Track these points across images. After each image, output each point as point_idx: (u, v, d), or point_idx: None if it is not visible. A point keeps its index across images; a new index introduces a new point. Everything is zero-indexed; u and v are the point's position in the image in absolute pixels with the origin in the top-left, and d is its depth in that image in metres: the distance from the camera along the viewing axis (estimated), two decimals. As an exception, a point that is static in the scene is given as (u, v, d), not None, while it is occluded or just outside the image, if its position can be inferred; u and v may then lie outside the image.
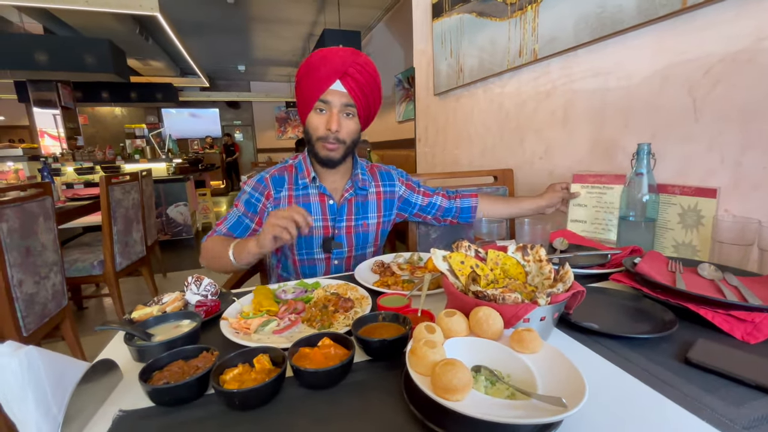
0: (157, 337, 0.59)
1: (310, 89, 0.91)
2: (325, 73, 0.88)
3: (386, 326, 0.59)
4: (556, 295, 0.55)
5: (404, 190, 1.15)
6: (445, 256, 0.68)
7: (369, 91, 0.93)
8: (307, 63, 0.92)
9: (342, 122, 0.92)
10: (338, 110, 0.91)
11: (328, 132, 0.92)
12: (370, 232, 1.09)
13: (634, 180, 0.96)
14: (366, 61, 0.91)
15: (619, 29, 1.04)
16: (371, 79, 0.92)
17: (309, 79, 0.90)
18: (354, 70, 0.88)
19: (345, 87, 0.89)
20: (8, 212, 1.42)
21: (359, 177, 1.06)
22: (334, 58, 0.88)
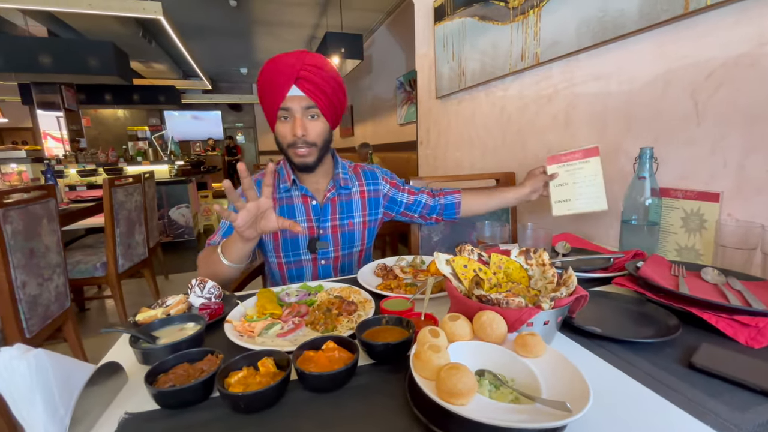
0: (161, 339, 0.60)
1: (269, 100, 0.90)
2: (279, 82, 0.87)
3: (390, 330, 0.60)
4: (560, 299, 0.55)
5: (389, 189, 1.15)
6: (449, 259, 0.68)
7: (328, 89, 0.90)
8: (260, 76, 0.91)
9: (307, 125, 0.92)
10: (300, 115, 0.90)
11: (295, 138, 0.91)
12: (356, 231, 1.09)
13: (636, 184, 0.97)
14: (316, 60, 0.89)
15: (620, 34, 1.05)
16: (327, 76, 0.90)
17: (266, 90, 0.90)
18: (306, 72, 0.87)
19: (302, 90, 0.88)
20: (12, 214, 1.43)
21: (340, 176, 1.06)
22: (284, 65, 0.87)
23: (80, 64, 4.22)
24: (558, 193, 1.09)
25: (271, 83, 0.88)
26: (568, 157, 1.07)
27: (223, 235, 1.00)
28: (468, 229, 1.40)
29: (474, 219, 1.40)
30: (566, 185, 1.07)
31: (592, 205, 1.04)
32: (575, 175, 1.06)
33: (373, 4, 5.09)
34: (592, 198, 1.04)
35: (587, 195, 1.05)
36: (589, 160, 1.04)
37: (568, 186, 1.07)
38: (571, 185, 1.07)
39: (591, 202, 1.04)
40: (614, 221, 1.17)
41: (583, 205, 1.05)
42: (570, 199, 1.07)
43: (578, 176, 1.06)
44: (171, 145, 5.98)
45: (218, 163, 9.03)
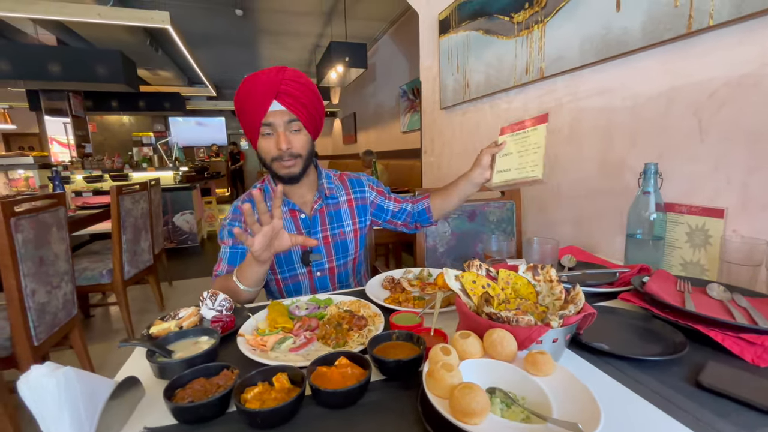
0: (177, 353, 0.61)
1: (250, 117, 0.91)
2: (260, 98, 0.88)
3: (400, 345, 0.61)
4: (568, 317, 0.56)
5: (375, 196, 1.15)
6: (457, 275, 0.69)
7: (308, 101, 0.92)
8: (239, 94, 0.92)
9: (291, 138, 0.93)
10: (283, 129, 0.91)
11: (280, 151, 0.92)
12: (348, 240, 1.09)
13: (641, 198, 0.98)
14: (294, 74, 0.91)
15: (624, 51, 1.07)
16: (306, 90, 0.91)
17: (246, 107, 0.91)
18: (286, 86, 0.88)
19: (283, 105, 0.89)
20: (23, 223, 1.45)
21: (325, 186, 1.07)
22: (263, 82, 0.88)
23: (88, 72, 4.29)
24: (501, 163, 0.98)
25: (252, 99, 0.89)
26: (519, 125, 0.96)
27: (228, 262, 1.00)
28: (473, 240, 1.41)
29: (480, 232, 1.41)
30: (510, 155, 0.96)
31: (528, 172, 0.92)
32: (520, 144, 0.95)
33: (377, 14, 5.16)
34: (529, 166, 0.93)
35: (525, 163, 0.93)
36: (537, 127, 0.93)
37: (512, 156, 0.96)
38: (515, 155, 0.96)
39: (527, 170, 0.93)
40: (618, 235, 1.18)
41: (517, 173, 0.94)
42: (510, 168, 0.96)
43: (523, 145, 0.95)
44: (176, 151, 6.03)
45: (222, 169, 9.08)
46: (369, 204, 1.14)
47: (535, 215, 1.52)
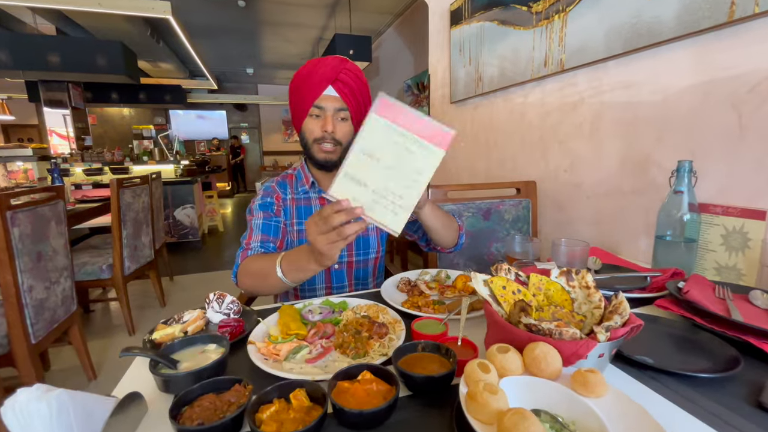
0: (183, 364, 0.56)
1: (304, 97, 0.93)
2: (318, 80, 0.90)
3: (427, 358, 0.56)
4: (615, 329, 0.51)
5: None
6: (486, 280, 0.64)
7: (359, 94, 0.95)
8: (299, 73, 0.95)
9: (337, 125, 0.94)
10: (332, 114, 0.93)
11: (325, 133, 0.93)
12: (370, 237, 1.07)
13: (673, 198, 0.92)
14: (355, 67, 0.94)
15: (655, 41, 1.01)
16: (361, 84, 0.95)
17: (303, 87, 0.93)
18: (345, 75, 0.91)
19: (337, 92, 0.91)
20: (21, 216, 1.40)
21: None
22: (325, 66, 0.91)
23: (89, 63, 4.21)
24: (357, 164, 0.62)
25: (309, 80, 0.91)
26: (407, 119, 0.61)
27: (263, 231, 0.97)
28: (488, 239, 1.36)
29: (495, 231, 1.36)
30: (377, 161, 0.62)
31: (388, 218, 0.63)
32: (399, 156, 0.62)
33: (382, 6, 5.07)
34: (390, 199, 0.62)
35: (388, 191, 0.62)
36: (431, 147, 0.61)
37: (379, 165, 0.62)
38: (384, 168, 0.62)
39: (388, 214, 0.63)
40: (643, 235, 1.13)
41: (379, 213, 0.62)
42: (367, 185, 0.62)
43: (401, 160, 0.62)
44: (176, 144, 5.96)
45: (223, 163, 9.01)
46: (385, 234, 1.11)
47: (552, 214, 1.46)
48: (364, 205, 0.61)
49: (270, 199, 1.02)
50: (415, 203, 0.63)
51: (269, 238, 0.96)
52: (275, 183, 1.06)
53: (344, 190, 0.62)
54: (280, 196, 1.03)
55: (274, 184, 1.05)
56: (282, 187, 1.05)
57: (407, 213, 0.62)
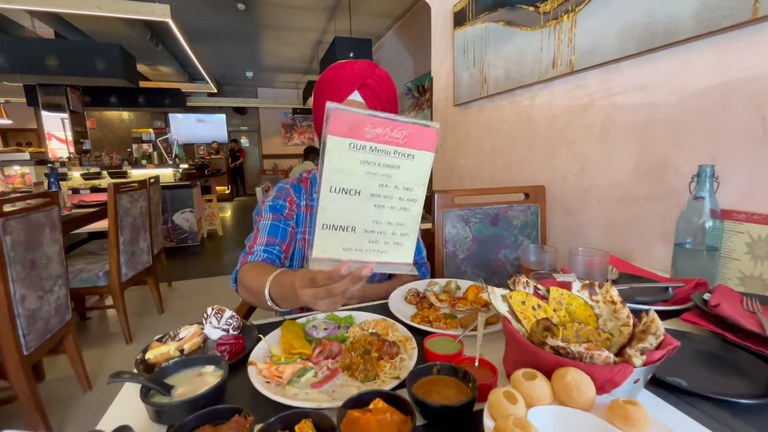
0: (178, 389, 0.51)
1: (328, 99, 0.86)
2: (344, 84, 0.86)
3: (443, 382, 0.51)
4: (651, 352, 0.46)
5: None
6: (505, 295, 0.60)
7: (386, 102, 0.90)
8: (325, 75, 0.90)
9: None
10: None
11: None
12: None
13: (693, 204, 0.88)
14: (383, 73, 0.90)
15: (671, 41, 0.97)
16: (389, 91, 0.90)
17: (328, 90, 0.89)
18: (372, 81, 0.87)
19: (363, 98, 0.87)
20: (13, 224, 1.36)
21: None
22: (353, 69, 0.87)
23: (87, 67, 4.18)
24: (332, 208, 0.47)
25: (336, 83, 0.87)
26: (374, 127, 0.47)
27: (269, 233, 0.92)
28: (495, 246, 1.32)
29: (503, 237, 1.32)
30: (356, 195, 0.48)
31: (393, 254, 0.51)
32: (380, 178, 0.49)
33: (382, 9, 5.05)
34: (398, 237, 0.51)
35: (392, 229, 0.50)
36: (416, 153, 0.49)
37: (360, 198, 0.48)
38: (367, 200, 0.49)
39: (391, 249, 0.51)
40: (658, 242, 1.08)
41: (381, 254, 0.50)
42: (355, 227, 0.49)
43: (385, 181, 0.49)
44: (176, 148, 5.92)
45: (222, 166, 8.96)
46: None
47: (562, 219, 1.42)
48: (359, 251, 0.49)
49: (282, 201, 0.97)
50: (418, 223, 0.52)
51: (276, 241, 0.91)
52: (290, 185, 1.00)
53: (329, 246, 0.48)
54: (294, 200, 0.98)
55: (288, 186, 1.00)
56: (297, 190, 1.00)
57: (413, 238, 0.52)
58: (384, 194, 0.49)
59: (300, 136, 10.80)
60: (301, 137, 10.80)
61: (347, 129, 0.46)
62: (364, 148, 0.47)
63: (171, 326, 2.35)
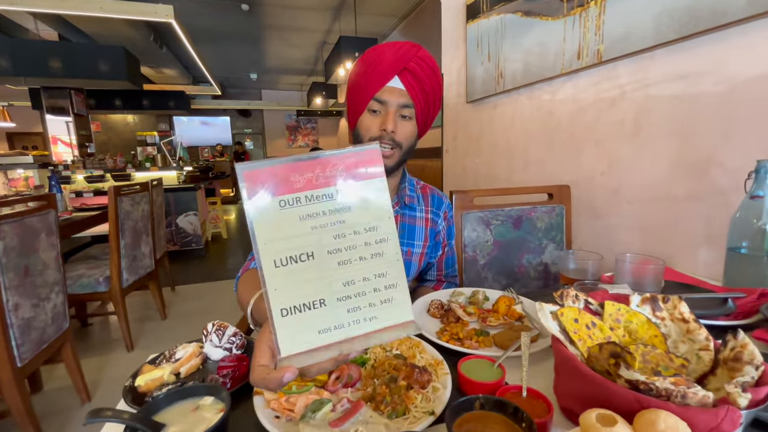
0: (170, 429, 0.43)
1: (364, 88, 0.78)
2: (382, 69, 0.76)
3: (490, 419, 0.42)
4: (756, 389, 0.37)
5: (443, 229, 0.99)
6: (555, 312, 0.51)
7: (430, 89, 0.79)
8: (362, 60, 0.80)
9: (398, 123, 0.79)
10: (395, 110, 0.78)
11: (383, 132, 0.79)
12: (413, 262, 0.92)
13: (748, 204, 0.79)
14: (427, 55, 0.78)
15: (719, 24, 0.87)
16: (433, 77, 0.79)
17: (364, 76, 0.78)
18: (415, 64, 0.76)
19: (404, 84, 0.77)
20: (5, 228, 1.28)
21: (406, 192, 0.91)
22: (393, 52, 0.76)
23: (91, 69, 4.14)
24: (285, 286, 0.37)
25: (373, 68, 0.77)
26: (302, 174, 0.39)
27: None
28: (519, 250, 1.22)
29: (526, 240, 1.22)
30: (310, 260, 0.38)
31: (387, 314, 0.40)
32: (332, 231, 0.39)
33: (387, 9, 4.98)
34: (384, 293, 0.40)
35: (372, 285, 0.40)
36: (364, 184, 0.41)
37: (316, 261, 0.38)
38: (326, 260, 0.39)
39: (380, 308, 0.40)
40: (702, 246, 0.99)
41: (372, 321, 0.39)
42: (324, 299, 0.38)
43: (340, 232, 0.39)
44: (180, 150, 5.88)
45: (226, 169, 8.92)
46: (439, 230, 0.98)
47: (587, 221, 1.32)
48: (339, 328, 0.38)
49: None
50: (401, 265, 0.40)
51: None
52: None
53: (298, 336, 0.37)
54: None
55: None
56: None
57: (403, 289, 0.40)
58: (344, 246, 0.40)
59: (304, 138, 10.75)
60: (305, 139, 10.76)
61: (269, 187, 0.38)
62: (299, 201, 0.38)
63: (174, 332, 2.25)
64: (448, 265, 1.02)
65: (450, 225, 1.01)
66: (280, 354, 0.36)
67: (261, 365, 0.37)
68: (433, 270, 1.01)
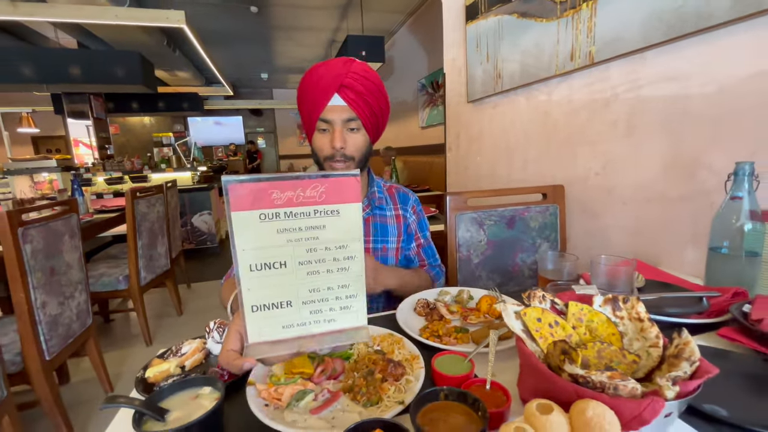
0: (173, 414, 0.49)
1: (308, 110, 0.83)
2: (321, 90, 0.80)
3: (452, 409, 0.47)
4: (685, 381, 0.41)
5: (413, 221, 1.05)
6: (518, 312, 0.55)
7: (372, 99, 0.83)
8: (302, 83, 0.84)
9: (347, 138, 0.84)
10: (341, 127, 0.83)
11: (334, 150, 0.84)
12: (389, 257, 0.99)
13: (729, 205, 0.81)
14: (362, 68, 0.82)
15: (705, 26, 0.89)
16: (372, 86, 0.82)
17: (306, 99, 0.83)
18: (350, 80, 0.79)
19: (345, 100, 0.80)
20: (33, 232, 1.39)
21: (376, 195, 0.98)
22: (327, 72, 0.80)
23: (108, 74, 4.30)
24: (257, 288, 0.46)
25: (312, 91, 0.81)
26: (282, 192, 0.44)
27: None
28: (512, 250, 1.26)
29: (520, 240, 1.26)
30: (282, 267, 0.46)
31: (345, 319, 0.51)
32: (305, 244, 0.46)
33: (395, 5, 4.99)
34: (345, 301, 0.49)
35: (335, 294, 0.49)
36: (340, 207, 0.47)
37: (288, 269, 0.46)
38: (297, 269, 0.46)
39: (340, 315, 0.50)
40: (689, 246, 1.01)
41: (330, 323, 0.51)
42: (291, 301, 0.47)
43: (313, 245, 0.47)
44: (194, 151, 6.05)
45: (240, 168, 9.11)
46: (409, 224, 1.04)
47: (582, 221, 1.34)
48: (301, 326, 0.44)
49: None
50: (362, 279, 0.47)
51: None
52: None
53: (265, 329, 0.43)
54: None
55: None
56: None
57: (362, 299, 0.47)
58: (315, 259, 0.46)
59: (315, 136, 10.86)
60: (316, 137, 10.86)
61: (251, 201, 0.42)
62: (278, 216, 0.44)
63: (189, 328, 2.38)
64: (428, 255, 1.06)
65: (421, 218, 1.06)
66: (247, 341, 0.43)
67: (229, 350, 0.44)
68: (415, 263, 1.06)
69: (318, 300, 0.45)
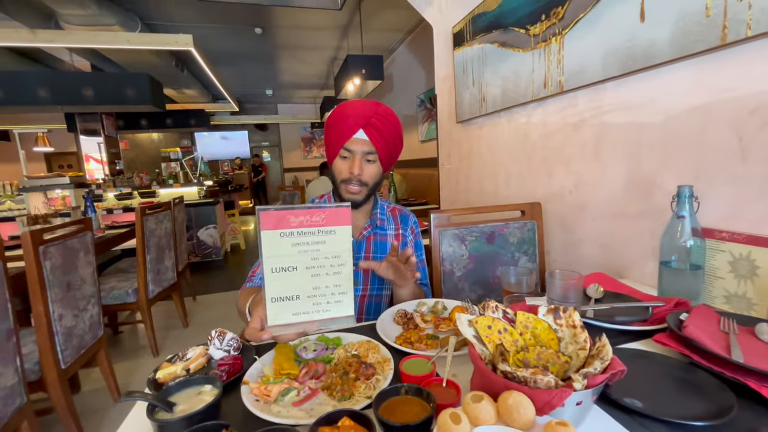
0: (179, 406, 0.59)
1: (336, 138, 0.98)
2: (349, 125, 0.95)
3: (409, 402, 0.57)
4: (594, 376, 0.50)
5: (410, 241, 1.16)
6: (471, 320, 0.65)
7: (390, 137, 0.99)
8: (333, 114, 0.99)
9: (364, 167, 0.99)
10: (360, 157, 0.98)
11: (351, 175, 0.99)
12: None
13: (675, 223, 0.90)
14: (386, 111, 0.98)
15: (651, 64, 1.00)
16: (392, 127, 0.98)
17: (335, 128, 0.98)
18: (375, 119, 0.95)
19: (367, 136, 0.96)
20: (52, 250, 1.51)
21: (378, 216, 1.11)
22: (357, 111, 0.95)
23: (119, 95, 4.51)
24: (276, 285, 0.62)
25: (341, 123, 0.96)
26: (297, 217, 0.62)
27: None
28: (492, 263, 1.35)
29: (500, 254, 1.35)
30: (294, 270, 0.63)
31: (336, 310, 0.67)
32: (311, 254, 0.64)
33: (393, 24, 5.18)
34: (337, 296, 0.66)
35: (330, 290, 0.65)
36: (335, 229, 0.64)
37: (298, 272, 0.63)
38: (304, 272, 0.64)
39: (333, 307, 0.66)
40: (650, 259, 1.10)
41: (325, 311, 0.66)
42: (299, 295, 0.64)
43: (316, 255, 0.64)
44: (201, 165, 6.24)
45: (245, 181, 9.32)
46: (407, 243, 1.15)
47: (559, 235, 1.44)
48: (306, 313, 0.63)
49: None
50: (351, 281, 0.66)
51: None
52: (310, 201, 1.14)
53: (280, 315, 0.62)
54: None
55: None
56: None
57: (350, 295, 0.66)
58: (317, 265, 0.64)
59: (319, 149, 11.06)
60: (320, 150, 11.06)
61: (275, 223, 0.60)
62: (293, 234, 0.62)
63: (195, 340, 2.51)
64: (421, 275, 1.16)
65: (417, 239, 1.17)
66: (267, 323, 0.62)
67: (252, 327, 0.64)
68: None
69: (318, 295, 0.64)
